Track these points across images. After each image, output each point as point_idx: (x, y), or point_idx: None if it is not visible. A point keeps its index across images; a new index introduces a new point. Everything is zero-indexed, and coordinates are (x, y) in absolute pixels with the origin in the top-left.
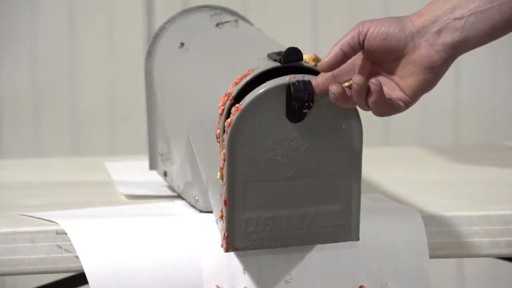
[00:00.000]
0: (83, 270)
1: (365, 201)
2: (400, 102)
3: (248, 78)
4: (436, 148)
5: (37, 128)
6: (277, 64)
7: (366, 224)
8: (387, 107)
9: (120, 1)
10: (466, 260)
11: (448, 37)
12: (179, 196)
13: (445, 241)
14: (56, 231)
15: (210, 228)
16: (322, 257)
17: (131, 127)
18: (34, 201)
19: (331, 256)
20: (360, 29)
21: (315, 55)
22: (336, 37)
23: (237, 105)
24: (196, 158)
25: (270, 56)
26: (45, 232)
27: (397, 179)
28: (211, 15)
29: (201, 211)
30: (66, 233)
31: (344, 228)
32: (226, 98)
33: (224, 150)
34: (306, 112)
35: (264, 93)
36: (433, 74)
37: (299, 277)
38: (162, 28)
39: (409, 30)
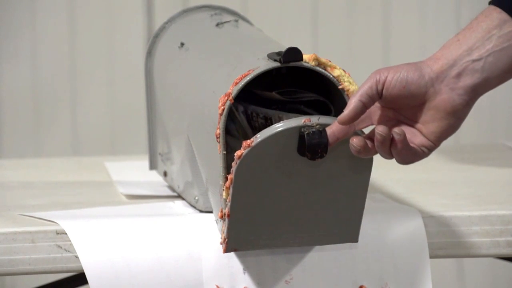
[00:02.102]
0: (83, 270)
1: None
2: (423, 149)
3: (248, 78)
4: (436, 148)
5: (37, 128)
6: (277, 64)
7: (366, 224)
8: (411, 155)
9: (120, 1)
10: (466, 260)
11: (468, 80)
12: (179, 196)
13: (445, 241)
14: (56, 231)
15: (210, 228)
16: (322, 257)
17: (131, 127)
18: (34, 201)
19: (331, 256)
20: (378, 78)
21: (315, 55)
22: (336, 37)
23: (248, 141)
24: (196, 158)
25: (270, 56)
26: (45, 232)
27: (397, 179)
28: (211, 15)
29: (201, 211)
30: (66, 233)
31: (344, 229)
32: (226, 98)
33: (231, 175)
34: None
35: (277, 133)
36: (456, 118)
37: (299, 277)
38: (162, 28)
39: (428, 76)
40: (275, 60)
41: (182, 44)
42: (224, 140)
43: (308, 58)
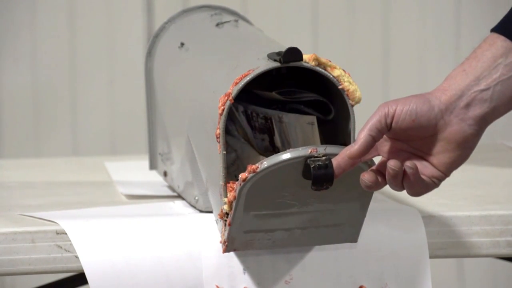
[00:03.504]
0: (83, 270)
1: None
2: (434, 180)
3: (248, 78)
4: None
5: (37, 128)
6: (277, 64)
7: (366, 224)
8: (422, 188)
9: (120, 1)
10: (466, 260)
11: (477, 110)
12: (179, 196)
13: (445, 241)
14: (56, 231)
15: (210, 228)
16: (322, 257)
17: (131, 127)
18: (34, 201)
19: (331, 256)
20: (386, 111)
21: (315, 55)
22: (336, 37)
23: (253, 166)
24: (196, 158)
25: (270, 56)
26: (45, 232)
27: None
28: (211, 15)
29: (201, 211)
30: (66, 233)
31: (344, 231)
32: (226, 98)
33: (234, 193)
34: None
35: (282, 162)
36: (467, 148)
37: (299, 277)
38: (162, 28)
39: (438, 107)
40: (275, 60)
41: (182, 44)
42: (224, 140)
43: (308, 58)
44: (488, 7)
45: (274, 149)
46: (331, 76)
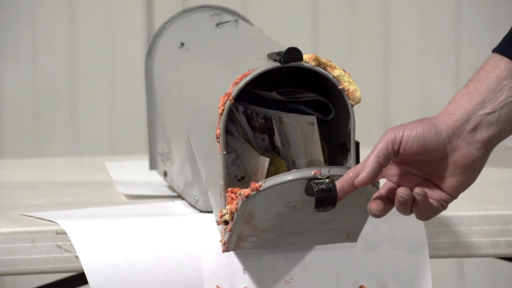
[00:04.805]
0: (83, 270)
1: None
2: (442, 203)
3: (248, 78)
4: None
5: (37, 128)
6: (277, 64)
7: (366, 224)
8: (431, 212)
9: (120, 1)
10: (466, 260)
11: (484, 133)
12: (179, 196)
13: (445, 241)
14: (56, 231)
15: (210, 228)
16: (322, 257)
17: (131, 127)
18: (34, 201)
19: (331, 256)
20: (393, 137)
21: (315, 55)
22: (336, 37)
23: (256, 184)
24: (196, 158)
25: (270, 56)
26: (45, 232)
27: None
28: (211, 15)
29: (201, 211)
30: (66, 233)
31: (345, 232)
32: (226, 98)
33: (237, 206)
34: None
35: (286, 182)
36: (475, 170)
37: (299, 277)
38: (162, 28)
39: (445, 132)
40: (275, 60)
41: (182, 44)
42: (224, 140)
43: (308, 58)
44: (488, 7)
45: (274, 149)
46: (331, 76)
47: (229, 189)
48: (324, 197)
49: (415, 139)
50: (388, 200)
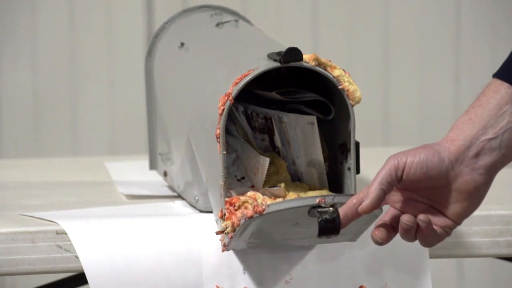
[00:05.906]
0: (83, 270)
1: None
2: (447, 229)
3: (248, 78)
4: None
5: (37, 128)
6: (277, 64)
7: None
8: (435, 238)
9: (120, 1)
10: (466, 260)
11: (487, 159)
12: (179, 196)
13: (445, 241)
14: (56, 231)
15: (210, 228)
16: (322, 257)
17: (131, 127)
18: (34, 201)
19: (331, 256)
20: (396, 164)
21: (315, 55)
22: (336, 37)
23: (259, 208)
24: (196, 158)
25: (270, 56)
26: (45, 232)
27: None
28: (211, 15)
29: (201, 211)
30: (66, 233)
31: (345, 233)
32: (226, 98)
33: (239, 221)
34: None
35: (289, 208)
36: (479, 196)
37: (299, 277)
38: (162, 28)
39: (448, 159)
40: (275, 60)
41: (182, 44)
42: (224, 140)
43: (308, 58)
44: (488, 7)
45: (274, 149)
46: (331, 76)
47: (227, 200)
48: (328, 227)
49: (418, 165)
50: (392, 227)
